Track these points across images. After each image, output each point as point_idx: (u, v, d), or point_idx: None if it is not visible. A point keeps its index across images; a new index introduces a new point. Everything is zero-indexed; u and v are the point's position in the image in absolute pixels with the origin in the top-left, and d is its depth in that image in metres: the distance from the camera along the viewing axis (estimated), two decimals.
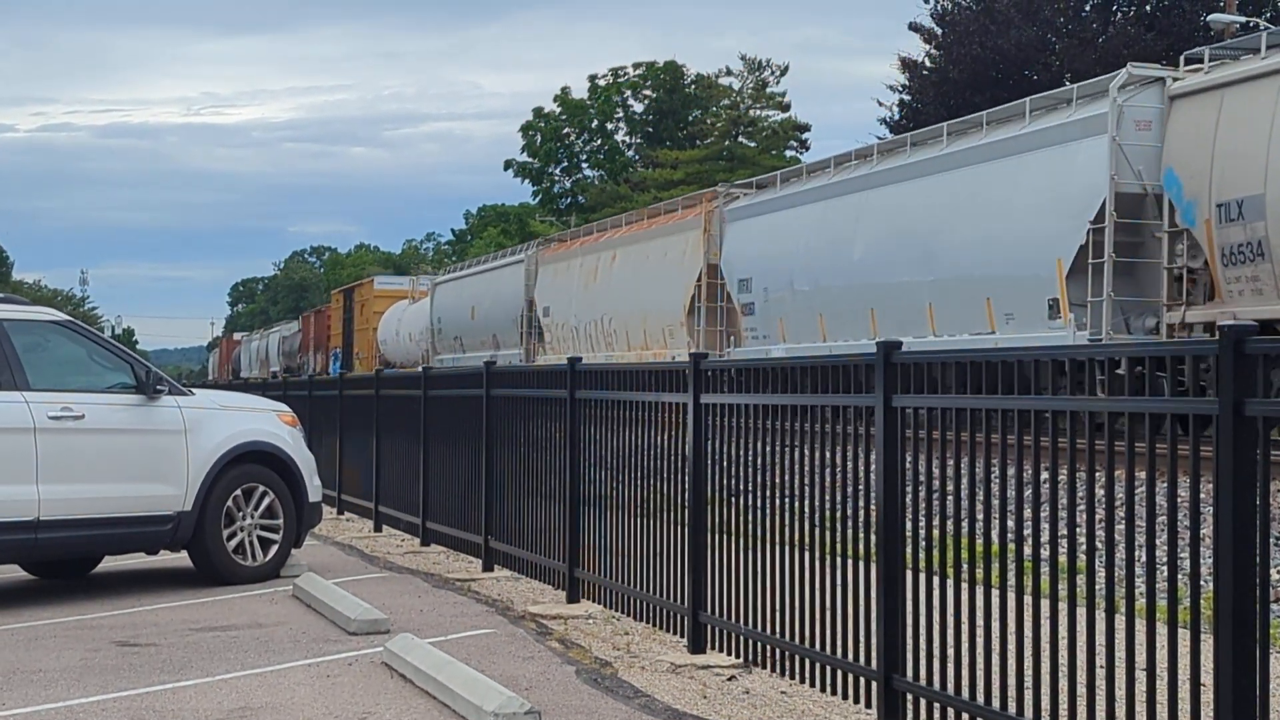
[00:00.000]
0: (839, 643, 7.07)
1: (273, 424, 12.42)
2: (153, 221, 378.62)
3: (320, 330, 69.64)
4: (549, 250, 39.18)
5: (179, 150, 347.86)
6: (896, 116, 44.44)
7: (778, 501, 7.80)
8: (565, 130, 77.64)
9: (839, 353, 8.84)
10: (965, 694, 6.07)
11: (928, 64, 44.02)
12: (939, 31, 43.84)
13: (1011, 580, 5.84)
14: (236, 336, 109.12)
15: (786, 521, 7.70)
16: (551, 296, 37.54)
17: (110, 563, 12.82)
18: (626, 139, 77.08)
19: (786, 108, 68.09)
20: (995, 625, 5.92)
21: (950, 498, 6.31)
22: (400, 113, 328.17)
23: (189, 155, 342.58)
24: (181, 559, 12.19)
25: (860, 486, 7.04)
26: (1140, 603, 6.71)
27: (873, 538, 6.84)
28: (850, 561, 7.03)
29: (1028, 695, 5.65)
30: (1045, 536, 5.69)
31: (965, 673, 6.08)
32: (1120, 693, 5.24)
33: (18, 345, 11.01)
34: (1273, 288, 16.43)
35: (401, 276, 70.40)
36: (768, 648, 7.81)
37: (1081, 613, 5.38)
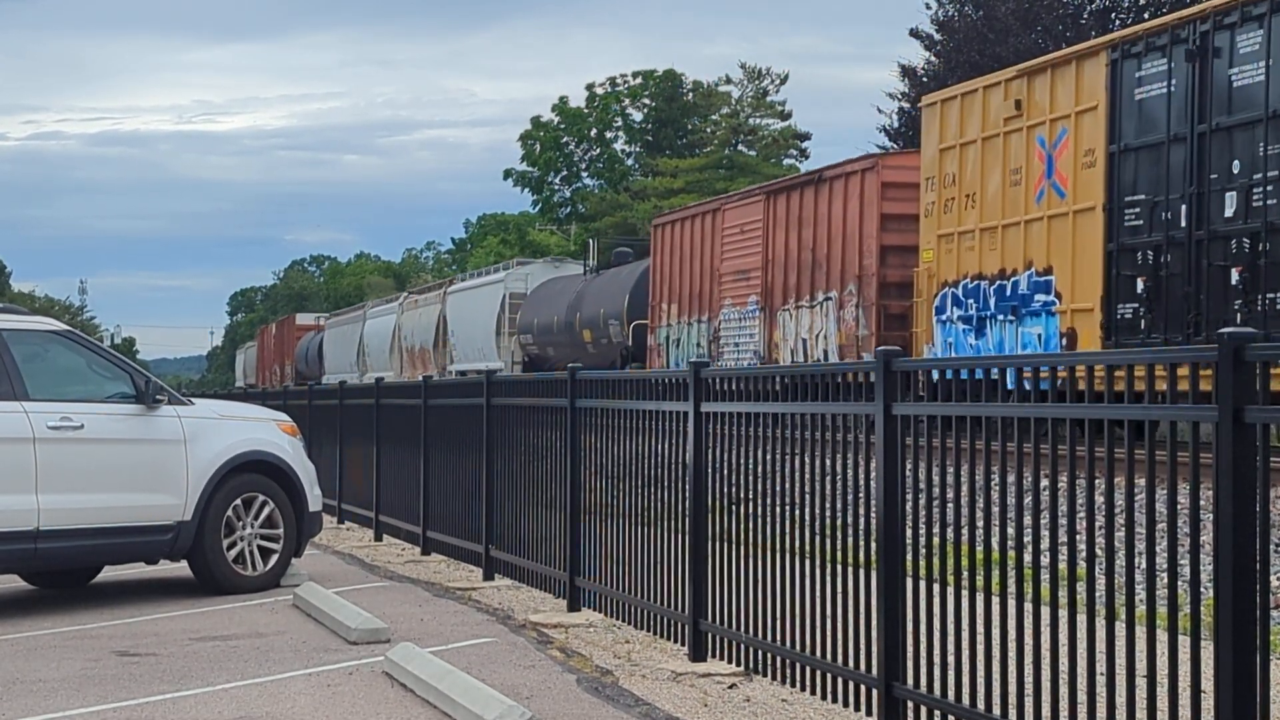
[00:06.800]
0: (840, 650, 7.07)
1: (272, 433, 12.42)
2: (148, 230, 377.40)
3: (794, 247, 23.36)
4: None
5: (172, 158, 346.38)
6: (896, 124, 44.42)
7: (778, 509, 7.80)
8: (564, 139, 77.67)
9: None
10: (966, 701, 6.07)
11: (927, 71, 44.00)
12: (939, 39, 43.83)
13: (1011, 587, 5.85)
14: (303, 320, 68.37)
15: (787, 529, 7.70)
16: None
17: (110, 572, 12.81)
18: (625, 148, 77.12)
19: (787, 116, 68.11)
20: (995, 632, 5.92)
21: (950, 505, 6.31)
22: (394, 120, 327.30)
23: (182, 163, 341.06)
24: (181, 569, 12.19)
25: (861, 494, 7.05)
26: (1140, 609, 6.71)
27: (873, 545, 6.85)
28: (851, 569, 7.03)
29: (1028, 702, 5.65)
30: (1045, 543, 5.70)
31: (966, 680, 6.08)
32: (1120, 699, 5.24)
33: (17, 355, 11.01)
34: None
35: None
36: (769, 655, 7.81)
37: (1082, 619, 5.38)
